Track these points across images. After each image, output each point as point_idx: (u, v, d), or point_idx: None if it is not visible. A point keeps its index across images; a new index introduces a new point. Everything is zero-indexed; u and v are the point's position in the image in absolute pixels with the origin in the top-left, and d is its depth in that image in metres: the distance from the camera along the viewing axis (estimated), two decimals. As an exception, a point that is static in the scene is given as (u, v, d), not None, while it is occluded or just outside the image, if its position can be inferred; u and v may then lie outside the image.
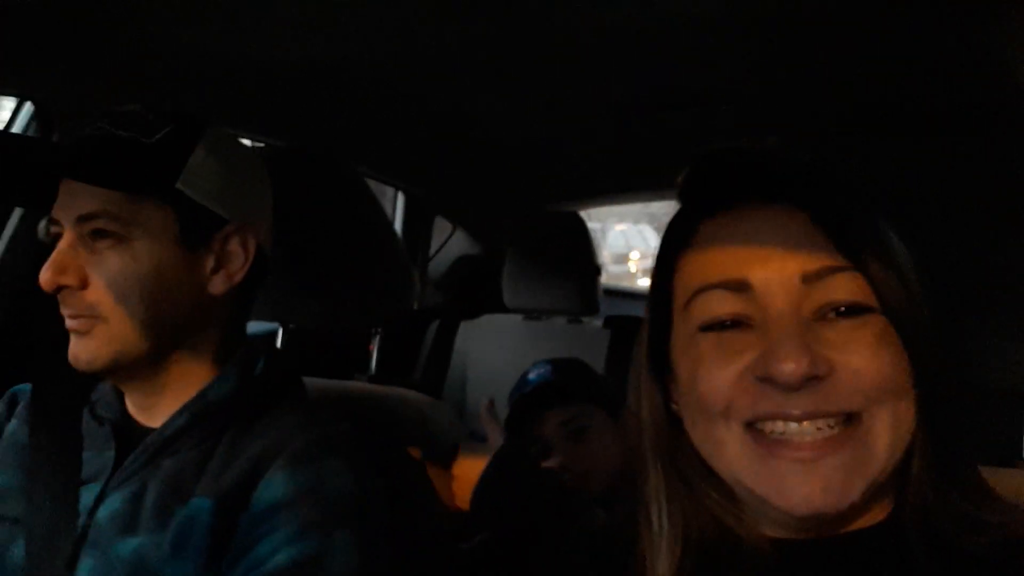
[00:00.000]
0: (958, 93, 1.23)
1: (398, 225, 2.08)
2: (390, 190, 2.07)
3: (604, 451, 1.39)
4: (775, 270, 0.55)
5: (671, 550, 0.59)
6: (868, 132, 1.45)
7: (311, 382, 1.01)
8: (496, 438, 1.49)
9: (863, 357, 0.53)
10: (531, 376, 1.48)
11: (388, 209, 2.09)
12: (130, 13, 0.97)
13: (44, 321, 0.88)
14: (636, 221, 8.31)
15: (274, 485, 0.75)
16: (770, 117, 1.43)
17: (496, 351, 2.04)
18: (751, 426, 0.55)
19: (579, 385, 1.47)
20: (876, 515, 0.57)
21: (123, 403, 0.85)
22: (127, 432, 0.83)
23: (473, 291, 2.28)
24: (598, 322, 2.09)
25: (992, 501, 0.56)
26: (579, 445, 1.39)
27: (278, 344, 1.18)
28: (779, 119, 1.44)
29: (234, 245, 0.84)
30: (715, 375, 0.56)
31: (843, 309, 0.54)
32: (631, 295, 3.83)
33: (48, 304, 0.80)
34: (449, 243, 2.30)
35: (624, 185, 2.16)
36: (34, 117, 1.12)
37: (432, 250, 2.24)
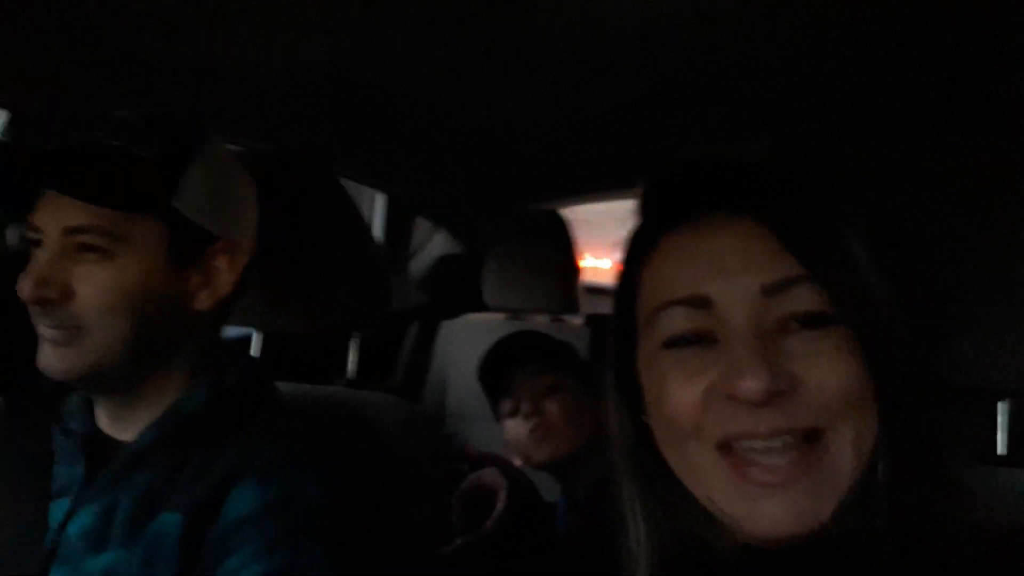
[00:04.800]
0: (948, 89, 1.23)
1: (378, 226, 2.07)
2: (369, 190, 2.06)
3: (574, 413, 1.39)
4: (735, 284, 0.55)
5: (650, 563, 0.59)
6: (852, 129, 1.45)
7: (287, 387, 1.00)
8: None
9: (825, 369, 0.53)
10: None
11: (366, 210, 2.08)
12: (122, 20, 0.96)
13: (14, 332, 0.86)
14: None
15: (244, 498, 0.74)
16: (761, 115, 1.43)
17: (477, 351, 2.04)
18: (721, 447, 0.55)
19: (552, 343, 1.50)
20: (848, 520, 0.57)
21: (93, 416, 0.84)
22: (98, 446, 0.81)
23: (454, 291, 2.27)
24: (579, 320, 2.10)
25: (968, 500, 0.56)
26: (550, 402, 1.40)
27: (253, 348, 1.17)
28: (770, 117, 1.44)
29: (222, 261, 0.83)
30: (681, 394, 0.56)
31: (804, 319, 0.54)
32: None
33: (15, 314, 0.79)
34: (430, 243, 2.30)
35: (608, 183, 2.16)
36: (10, 123, 1.10)
37: (412, 250, 2.23)
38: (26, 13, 0.92)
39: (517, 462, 1.45)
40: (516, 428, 1.42)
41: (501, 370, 1.46)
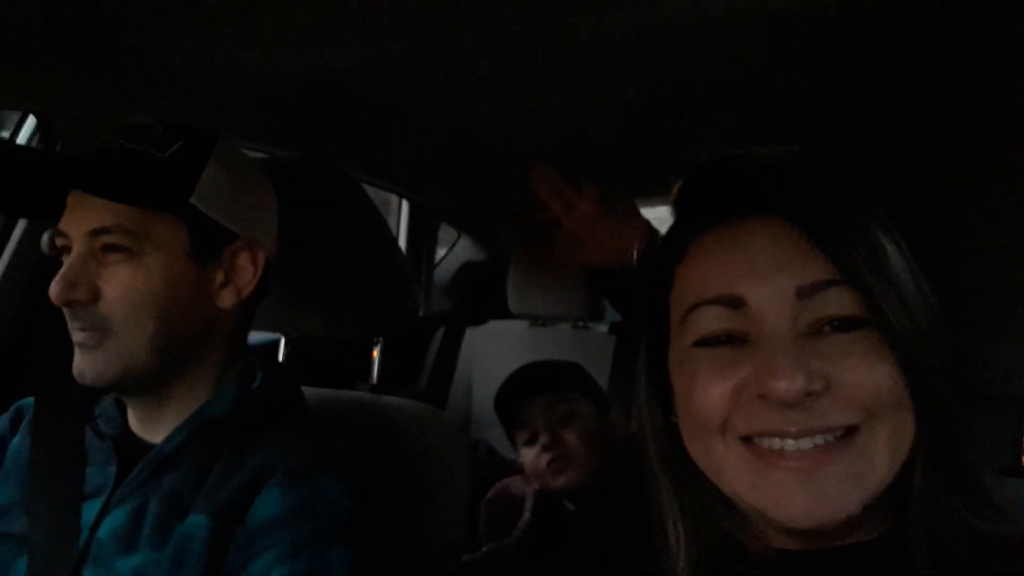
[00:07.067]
0: (962, 90, 1.22)
1: (403, 233, 2.08)
2: (394, 198, 2.07)
3: (589, 440, 1.40)
4: (769, 286, 0.55)
5: (689, 562, 0.59)
6: (871, 132, 1.44)
7: (312, 392, 1.01)
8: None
9: (858, 370, 0.53)
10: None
11: (392, 217, 2.09)
12: (131, 25, 0.98)
13: (47, 335, 0.88)
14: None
15: (269, 502, 0.75)
16: (773, 120, 1.42)
17: (501, 357, 2.04)
18: (747, 440, 0.55)
19: (567, 372, 1.50)
20: (879, 526, 0.57)
21: (125, 418, 0.86)
22: (129, 448, 0.83)
23: (479, 297, 2.28)
24: (604, 328, 2.09)
25: (996, 512, 0.56)
26: (565, 430, 1.41)
27: (280, 353, 1.18)
28: (782, 122, 1.43)
29: (243, 259, 0.85)
30: (710, 391, 0.56)
31: (837, 323, 0.54)
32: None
33: (51, 318, 0.80)
34: (454, 250, 2.30)
35: (630, 189, 2.16)
36: (37, 130, 1.12)
37: (437, 257, 2.23)
38: (45, 20, 0.94)
39: (535, 485, 1.45)
40: (534, 457, 1.43)
41: (516, 401, 1.46)
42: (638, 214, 1.23)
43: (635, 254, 1.15)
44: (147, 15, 0.95)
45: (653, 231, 1.19)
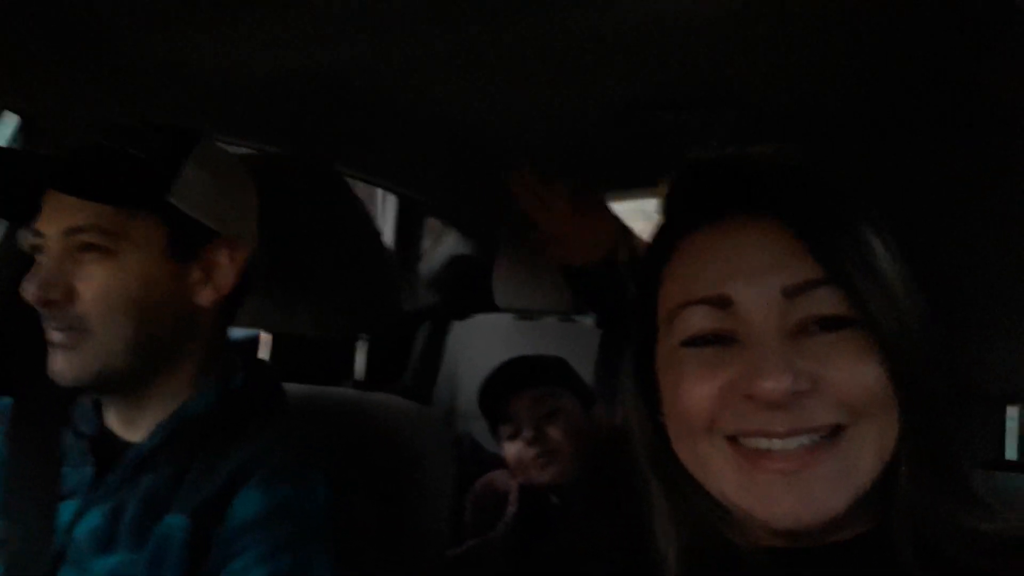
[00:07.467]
0: (962, 90, 1.22)
1: (389, 227, 2.06)
2: (379, 192, 2.05)
3: (573, 435, 1.41)
4: (756, 286, 0.55)
5: (678, 560, 0.59)
6: (871, 132, 1.45)
7: (295, 389, 1.00)
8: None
9: (846, 370, 0.53)
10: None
11: (378, 211, 2.08)
12: (116, 22, 0.96)
13: (24, 335, 0.86)
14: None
15: (249, 501, 0.74)
16: (773, 120, 1.43)
17: (487, 351, 2.03)
18: (734, 440, 0.55)
19: (551, 366, 1.51)
20: (867, 523, 0.57)
21: (102, 418, 0.84)
22: (107, 447, 0.81)
23: (464, 291, 2.27)
24: (590, 321, 2.09)
25: (982, 509, 0.56)
26: (549, 425, 1.41)
27: (260, 348, 1.17)
28: (782, 121, 1.43)
29: (222, 257, 0.84)
30: (697, 391, 0.56)
31: (824, 322, 0.54)
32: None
33: (28, 317, 0.79)
34: (441, 243, 2.29)
35: (618, 183, 2.15)
36: (20, 129, 1.10)
37: (423, 250, 2.22)
38: (38, 19, 0.92)
39: (520, 479, 1.45)
40: (518, 451, 1.43)
41: (500, 396, 1.46)
42: (608, 212, 1.23)
43: (618, 254, 1.16)
44: (139, 14, 0.93)
45: (626, 228, 1.19)
